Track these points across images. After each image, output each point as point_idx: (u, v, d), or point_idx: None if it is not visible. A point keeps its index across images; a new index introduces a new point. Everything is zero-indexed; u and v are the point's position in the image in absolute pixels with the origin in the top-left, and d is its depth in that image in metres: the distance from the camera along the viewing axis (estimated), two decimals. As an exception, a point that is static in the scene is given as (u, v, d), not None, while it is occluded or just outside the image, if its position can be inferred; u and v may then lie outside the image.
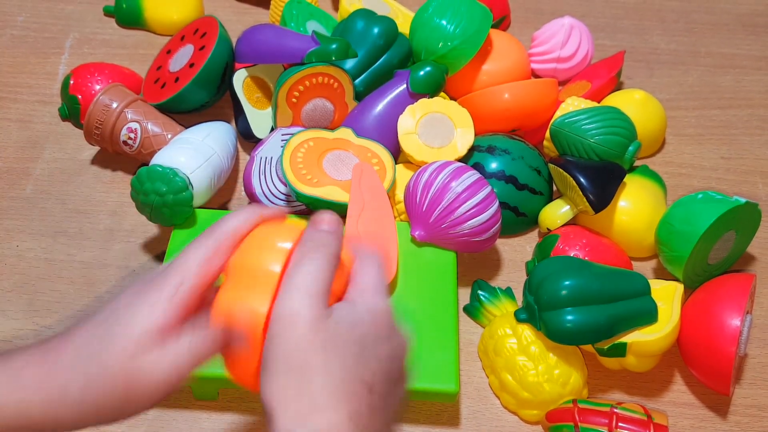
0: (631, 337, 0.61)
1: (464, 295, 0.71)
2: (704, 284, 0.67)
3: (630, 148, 0.72)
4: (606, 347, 0.61)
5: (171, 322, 0.40)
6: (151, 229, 0.75)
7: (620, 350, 0.61)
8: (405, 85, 0.75)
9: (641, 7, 1.03)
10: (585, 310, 0.59)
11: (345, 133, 0.73)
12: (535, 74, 0.91)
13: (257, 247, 0.42)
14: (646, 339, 0.61)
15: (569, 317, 0.59)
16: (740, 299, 0.62)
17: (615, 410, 0.59)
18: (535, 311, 0.61)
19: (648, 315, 0.62)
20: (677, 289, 0.65)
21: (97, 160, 0.81)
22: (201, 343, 0.40)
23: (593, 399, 0.63)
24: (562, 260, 0.63)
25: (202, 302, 0.42)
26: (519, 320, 0.63)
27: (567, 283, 0.60)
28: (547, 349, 0.62)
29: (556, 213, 0.73)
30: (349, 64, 0.78)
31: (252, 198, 0.72)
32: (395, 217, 0.73)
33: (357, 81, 0.78)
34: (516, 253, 0.75)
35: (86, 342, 0.41)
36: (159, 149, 0.74)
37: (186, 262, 0.41)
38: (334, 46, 0.74)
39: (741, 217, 0.68)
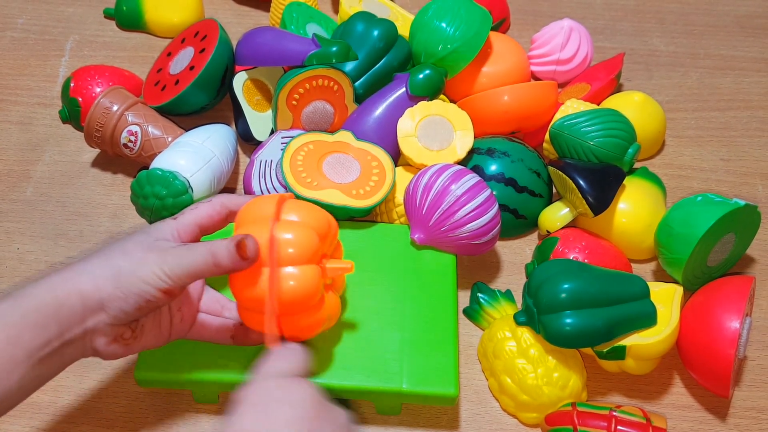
0: (631, 340, 0.61)
1: (464, 298, 0.71)
2: (703, 287, 0.67)
3: (629, 150, 0.73)
4: (605, 350, 0.62)
5: (180, 233, 0.52)
6: (152, 232, 0.75)
7: (619, 353, 0.61)
8: (404, 88, 0.76)
9: (640, 9, 1.03)
10: (584, 314, 0.59)
11: (345, 136, 0.73)
12: (534, 76, 0.91)
13: (253, 205, 0.54)
14: (646, 342, 0.61)
15: (568, 320, 0.59)
16: (739, 302, 0.62)
17: (614, 413, 0.59)
18: (534, 314, 0.61)
19: (647, 318, 0.62)
20: (676, 291, 0.65)
21: (97, 163, 0.81)
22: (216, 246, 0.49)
23: (592, 402, 0.63)
24: (561, 263, 0.63)
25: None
26: (518, 323, 0.63)
27: (566, 286, 0.60)
28: (547, 352, 0.62)
29: (555, 215, 0.73)
30: (349, 66, 0.78)
31: (252, 201, 0.72)
32: (395, 222, 0.73)
33: (357, 83, 0.78)
34: (515, 255, 0.76)
35: (109, 247, 0.50)
36: (159, 152, 0.74)
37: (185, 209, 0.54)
38: (334, 48, 0.74)
39: (740, 220, 0.68)
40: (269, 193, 0.72)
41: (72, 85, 0.80)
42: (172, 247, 0.50)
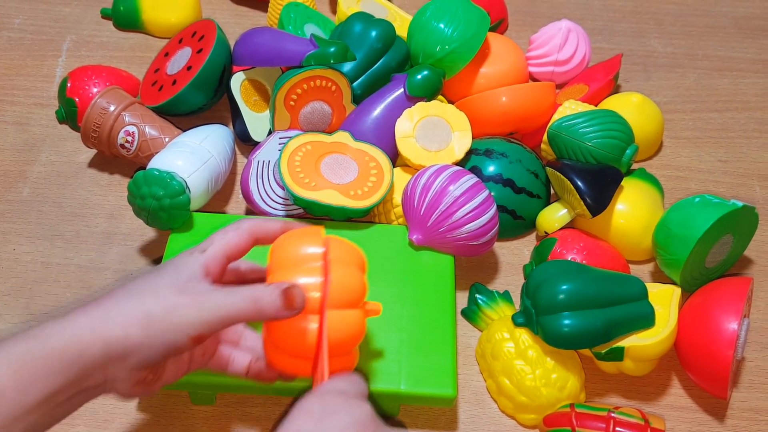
0: (629, 342, 0.61)
1: (462, 299, 0.71)
2: (701, 288, 0.67)
3: (627, 151, 0.73)
4: (603, 351, 0.61)
5: (210, 269, 0.48)
6: (149, 233, 0.75)
7: (617, 355, 0.61)
8: (402, 89, 0.75)
9: (638, 11, 1.03)
10: (582, 315, 0.59)
11: (343, 136, 0.73)
12: (532, 77, 0.91)
13: (296, 243, 0.51)
14: (644, 343, 0.61)
15: (566, 321, 0.59)
16: (737, 303, 0.62)
17: (612, 415, 0.59)
18: (533, 315, 0.61)
19: (645, 319, 0.62)
20: (674, 292, 0.65)
21: (94, 163, 0.81)
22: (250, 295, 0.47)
23: (590, 403, 0.63)
24: (559, 264, 0.63)
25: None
26: (516, 324, 0.63)
27: (564, 287, 0.60)
28: (545, 353, 0.62)
29: (553, 216, 0.73)
30: (347, 67, 0.78)
31: (249, 201, 0.72)
32: (394, 221, 0.73)
33: (355, 84, 0.78)
34: (514, 256, 0.75)
35: (138, 286, 0.47)
36: (156, 152, 0.73)
37: (210, 239, 0.51)
38: (332, 49, 0.74)
39: (738, 221, 0.68)
40: (267, 194, 0.72)
41: (69, 85, 0.80)
42: (207, 291, 0.47)
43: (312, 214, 0.70)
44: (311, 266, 0.49)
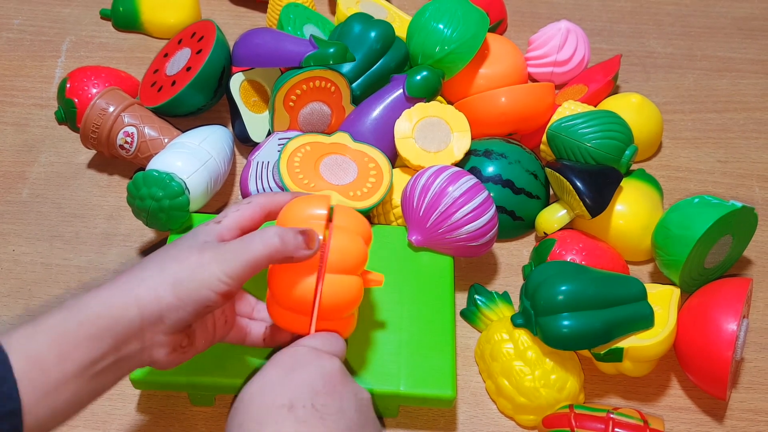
0: (628, 342, 0.61)
1: (461, 300, 0.71)
2: (701, 288, 0.67)
3: (626, 152, 0.73)
4: (603, 352, 0.61)
5: (224, 237, 0.50)
6: (148, 234, 0.75)
7: (616, 355, 0.61)
8: (401, 90, 0.76)
9: (637, 11, 1.03)
10: (581, 315, 0.59)
11: (342, 137, 0.73)
12: (531, 78, 0.91)
13: (302, 206, 0.53)
14: (643, 344, 0.61)
15: (565, 323, 0.59)
16: (736, 303, 0.62)
17: (611, 415, 0.59)
18: (532, 316, 0.61)
19: (645, 320, 0.62)
20: (674, 293, 0.65)
21: (93, 164, 0.81)
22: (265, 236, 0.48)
23: (589, 404, 0.63)
24: (558, 265, 0.63)
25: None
26: (515, 325, 0.63)
27: (563, 288, 0.60)
28: (544, 354, 0.62)
29: (552, 217, 0.73)
30: (346, 67, 0.78)
31: (249, 202, 0.72)
32: (392, 222, 0.73)
33: (354, 85, 0.78)
34: (513, 257, 0.75)
35: (160, 257, 0.48)
36: (156, 153, 0.74)
37: (225, 212, 0.53)
38: (332, 49, 0.74)
39: (737, 222, 0.68)
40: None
41: (68, 86, 0.80)
42: (226, 244, 0.49)
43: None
44: (314, 224, 0.52)
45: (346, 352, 0.53)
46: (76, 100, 0.79)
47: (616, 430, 0.58)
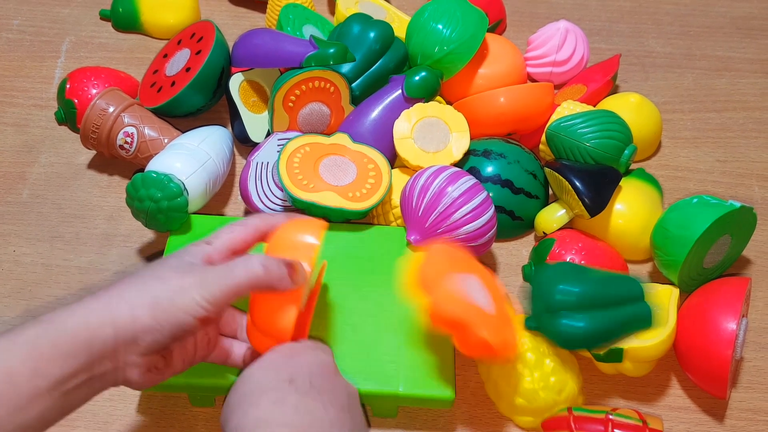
0: (628, 343, 0.61)
1: (460, 300, 0.71)
2: (700, 288, 0.67)
3: (625, 151, 0.73)
4: (603, 353, 0.61)
5: (213, 259, 0.50)
6: (148, 234, 0.75)
7: (617, 356, 0.61)
8: (400, 90, 0.76)
9: (636, 11, 1.03)
10: (592, 314, 0.59)
11: (341, 138, 0.73)
12: (530, 78, 0.91)
13: (295, 231, 0.53)
14: (643, 345, 0.61)
15: (578, 323, 0.58)
16: (736, 303, 0.62)
17: (610, 417, 0.59)
18: (543, 318, 0.61)
19: (646, 318, 0.62)
20: (673, 293, 0.65)
21: (93, 165, 0.81)
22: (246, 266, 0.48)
23: (588, 406, 0.63)
24: (565, 267, 0.63)
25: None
26: (528, 328, 0.62)
27: (574, 289, 0.59)
28: (543, 356, 0.62)
29: (552, 217, 0.73)
30: (346, 68, 0.78)
31: (248, 203, 0.72)
32: (392, 222, 0.73)
33: (353, 85, 0.78)
34: (512, 257, 0.75)
35: (143, 274, 0.48)
36: (155, 153, 0.74)
37: (217, 233, 0.53)
38: (332, 50, 0.74)
39: (736, 221, 0.68)
40: (266, 195, 0.72)
41: (68, 86, 0.80)
42: (210, 268, 0.48)
43: (310, 215, 0.70)
44: (303, 254, 0.52)
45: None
46: (76, 101, 0.79)
47: (615, 431, 0.58)
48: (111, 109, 0.75)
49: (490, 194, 0.70)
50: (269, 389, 0.47)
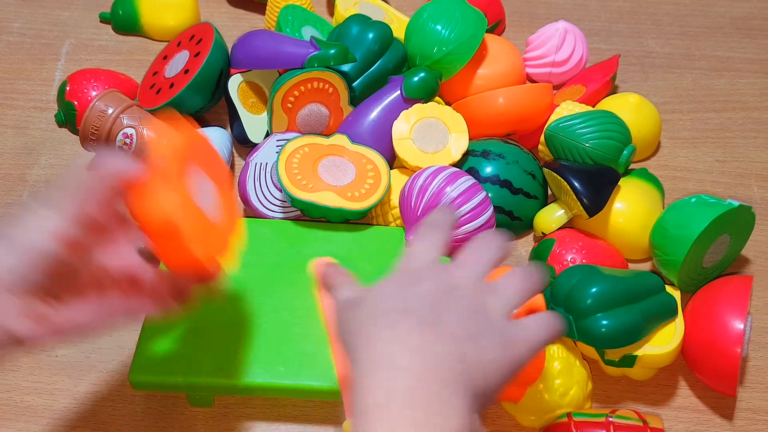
0: (642, 350, 0.61)
1: (460, 300, 0.71)
2: (704, 287, 0.67)
3: (624, 152, 0.73)
4: (618, 358, 0.62)
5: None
6: (147, 235, 0.75)
7: (629, 362, 0.62)
8: (399, 91, 0.76)
9: (636, 11, 1.03)
10: (619, 312, 0.59)
11: (340, 139, 0.73)
12: (530, 78, 0.91)
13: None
14: (656, 352, 0.61)
15: (604, 321, 0.59)
16: (742, 300, 0.62)
17: (610, 419, 0.59)
18: (571, 322, 0.61)
19: (673, 307, 0.63)
20: (675, 295, 0.65)
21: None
22: None
23: (586, 411, 0.62)
24: (581, 269, 0.63)
25: None
26: (574, 339, 0.62)
27: (596, 289, 0.60)
28: (550, 359, 0.62)
29: (550, 217, 0.73)
30: (345, 69, 0.78)
31: (247, 203, 0.72)
32: (391, 223, 0.73)
33: (352, 86, 0.78)
34: (511, 257, 0.75)
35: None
36: (155, 155, 0.74)
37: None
38: (333, 50, 0.74)
39: (735, 221, 0.68)
40: (264, 195, 0.72)
41: (68, 88, 0.80)
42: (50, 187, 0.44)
43: (309, 215, 0.70)
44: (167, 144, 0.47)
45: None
46: (76, 103, 0.80)
47: (617, 433, 0.58)
48: (110, 111, 0.75)
49: (489, 194, 0.71)
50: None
